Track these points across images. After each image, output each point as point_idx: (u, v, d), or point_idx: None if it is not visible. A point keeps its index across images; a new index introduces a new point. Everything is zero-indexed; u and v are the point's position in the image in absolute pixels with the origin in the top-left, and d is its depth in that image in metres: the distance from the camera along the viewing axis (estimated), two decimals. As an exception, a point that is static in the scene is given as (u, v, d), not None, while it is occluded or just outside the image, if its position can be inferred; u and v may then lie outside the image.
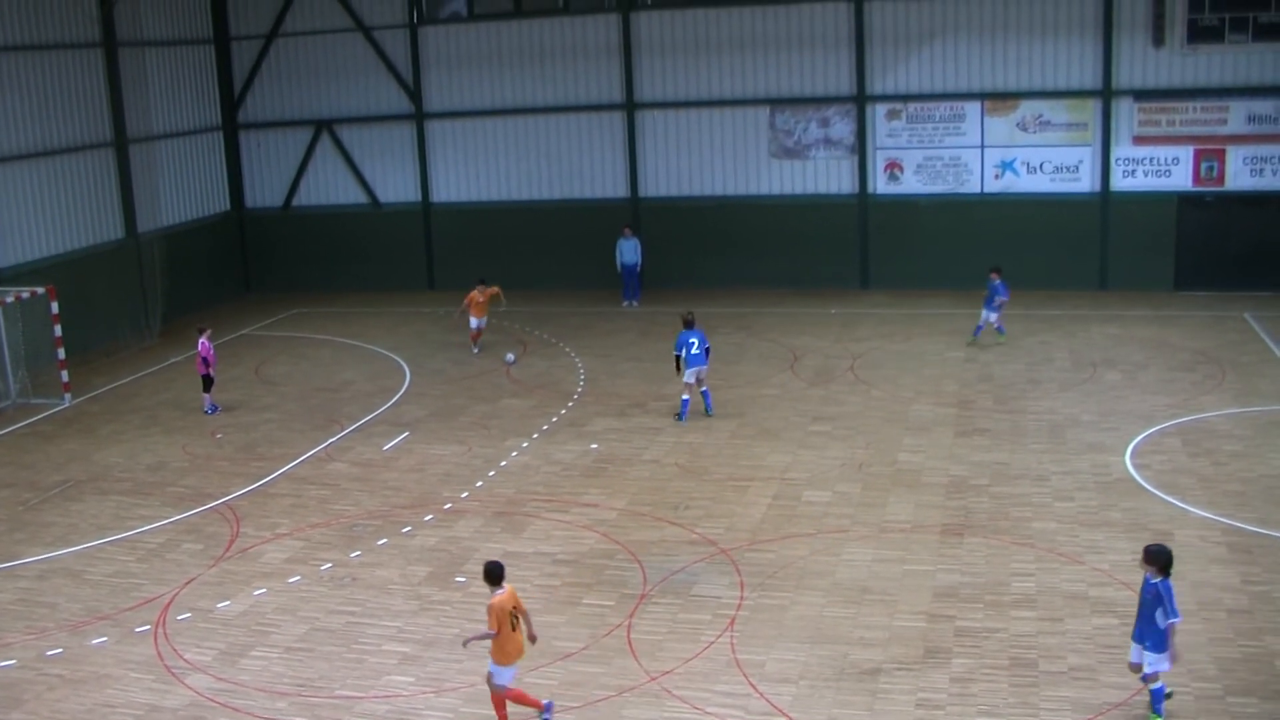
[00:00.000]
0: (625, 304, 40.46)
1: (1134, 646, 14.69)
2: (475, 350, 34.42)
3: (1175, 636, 14.47)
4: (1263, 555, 19.41)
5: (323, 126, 44.76)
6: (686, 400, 27.85)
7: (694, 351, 27.39)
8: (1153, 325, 34.61)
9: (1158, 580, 14.42)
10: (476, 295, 34.27)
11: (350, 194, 45.14)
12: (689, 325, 27.60)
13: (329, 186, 45.31)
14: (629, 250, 40.77)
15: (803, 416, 27.74)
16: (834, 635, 17.25)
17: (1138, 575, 18.44)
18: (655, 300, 40.21)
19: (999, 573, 19.10)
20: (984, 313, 33.30)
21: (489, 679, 14.96)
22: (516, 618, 14.82)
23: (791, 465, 24.50)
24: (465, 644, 15.37)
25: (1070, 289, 38.87)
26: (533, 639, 15.19)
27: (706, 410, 27.89)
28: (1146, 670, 14.56)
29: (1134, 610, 16.84)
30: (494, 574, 14.94)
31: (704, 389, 27.96)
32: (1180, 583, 18.28)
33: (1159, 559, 14.52)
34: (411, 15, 43.31)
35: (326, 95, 44.53)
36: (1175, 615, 14.36)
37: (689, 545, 20.71)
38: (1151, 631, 14.44)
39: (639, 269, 40.93)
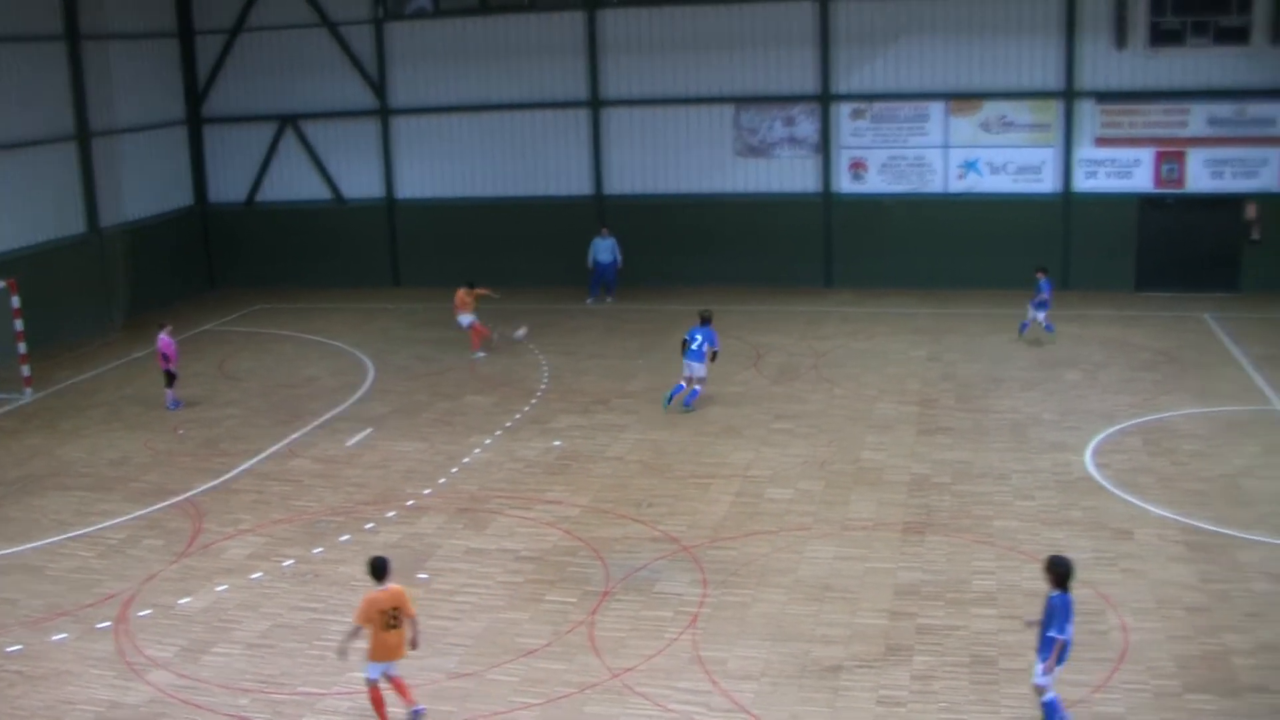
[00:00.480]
0: (589, 301, 40.48)
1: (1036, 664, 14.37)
2: (478, 352, 34.21)
3: (1059, 652, 14.12)
4: (1221, 554, 19.57)
5: (287, 122, 44.59)
6: (680, 387, 28.18)
7: (691, 348, 27.74)
8: (1114, 325, 34.83)
9: (1054, 595, 14.07)
10: (463, 295, 34.13)
11: (315, 189, 44.97)
12: (701, 322, 28.19)
13: (293, 182, 45.11)
14: (603, 250, 40.80)
15: (766, 414, 27.82)
16: (796, 632, 17.31)
17: (1097, 574, 18.76)
18: (620, 298, 40.25)
19: (960, 570, 19.21)
20: (1030, 311, 33.47)
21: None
22: (395, 619, 14.77)
23: (754, 463, 24.56)
24: (341, 653, 15.28)
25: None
26: (414, 644, 15.14)
27: (684, 403, 28.15)
28: (1033, 680, 14.28)
29: (1089, 608, 17.07)
30: (376, 570, 15.01)
31: (695, 387, 28.18)
32: (1140, 580, 18.56)
33: (1052, 571, 14.14)
34: (377, 11, 43.19)
35: (291, 90, 44.34)
36: (1062, 632, 13.97)
37: (651, 542, 20.75)
38: (1046, 644, 14.15)
39: (617, 267, 40.96)
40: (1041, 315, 33.22)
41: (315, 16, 43.36)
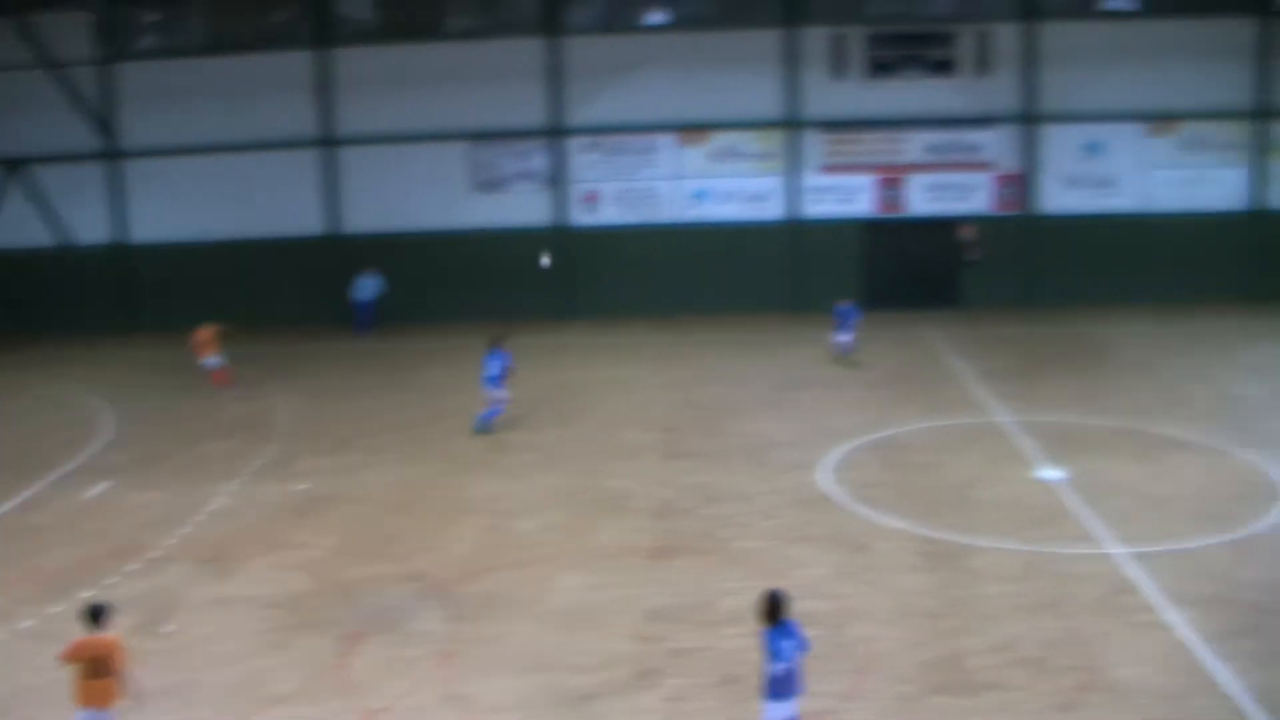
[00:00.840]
0: (357, 337, 40.42)
1: None
2: (224, 391, 33.62)
3: (777, 683, 13.85)
4: (955, 560, 20.35)
5: (13, 165, 43.20)
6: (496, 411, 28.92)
7: (487, 375, 28.59)
8: (846, 346, 35.93)
9: (764, 630, 13.88)
10: (205, 334, 33.64)
11: (44, 235, 43.66)
12: (493, 345, 28.84)
13: (21, 227, 43.70)
14: (365, 288, 40.76)
15: (512, 447, 27.96)
16: (548, 662, 17.41)
17: (840, 586, 19.32)
18: (363, 336, 40.02)
19: (707, 592, 19.54)
20: (838, 337, 34.17)
21: None
22: (102, 668, 14.53)
23: (502, 495, 24.65)
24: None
25: (765, 312, 40.12)
26: (135, 699, 14.83)
27: (482, 419, 28.94)
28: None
29: (832, 622, 17.57)
30: (90, 615, 14.79)
31: (495, 406, 28.95)
32: (880, 591, 19.15)
33: (759, 608, 13.96)
34: (105, 52, 42.18)
35: (16, 133, 42.99)
36: (779, 659, 13.72)
37: (401, 581, 20.67)
38: (769, 683, 13.92)
39: (377, 303, 40.85)
40: (844, 339, 34.06)
41: (39, 57, 42.12)
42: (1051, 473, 24.64)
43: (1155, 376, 32.86)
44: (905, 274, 41.01)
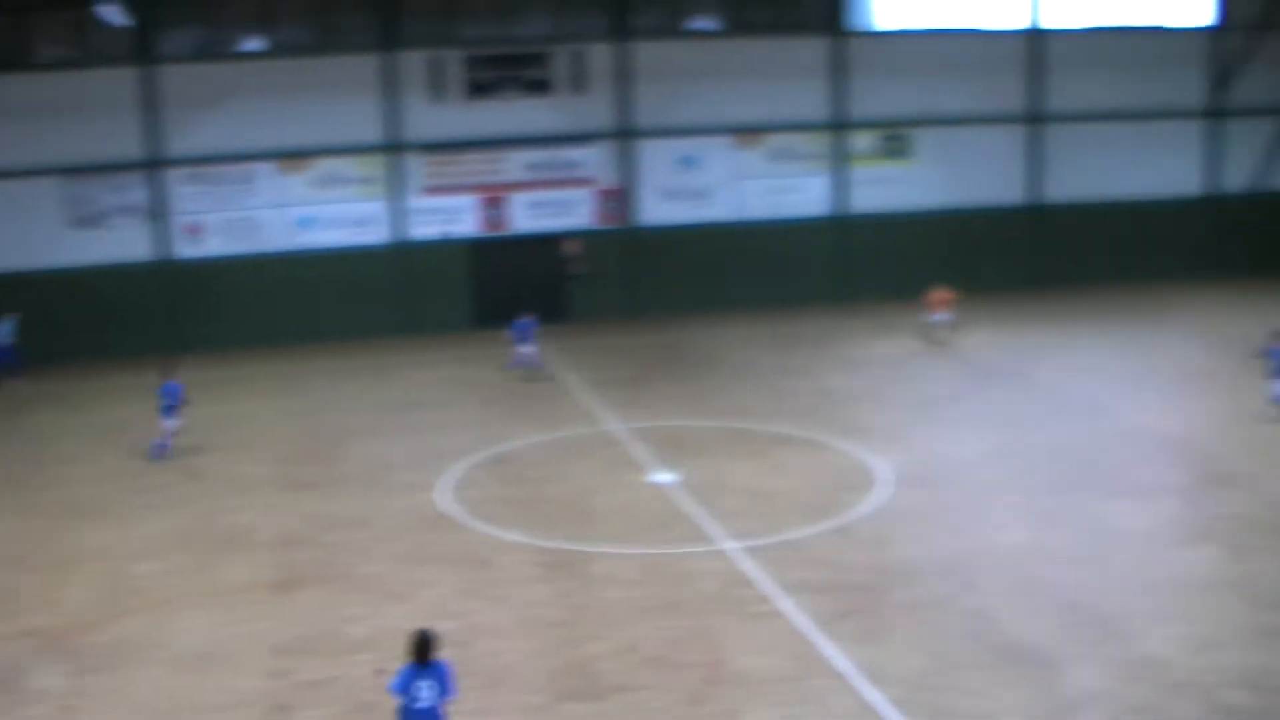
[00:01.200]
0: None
1: None
2: None
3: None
4: (576, 569, 20.94)
5: None
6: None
7: (161, 405, 28.80)
8: (457, 365, 36.35)
9: (407, 666, 13.66)
10: None
11: None
12: (164, 376, 29.29)
13: None
14: (1, 332, 39.00)
15: (128, 489, 27.24)
16: (176, 707, 17.11)
17: (465, 604, 19.64)
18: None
19: (333, 621, 19.53)
20: (521, 350, 34.59)
21: None
22: None
23: (118, 540, 24.01)
24: None
25: (376, 336, 40.18)
26: None
27: (158, 449, 29.24)
28: None
29: (457, 639, 17.85)
30: None
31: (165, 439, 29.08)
32: (504, 605, 19.56)
33: (408, 646, 13.72)
34: None
35: None
36: (408, 695, 13.49)
37: (15, 638, 19.93)
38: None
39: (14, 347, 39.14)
40: (526, 351, 34.63)
41: None
42: (664, 476, 25.62)
43: (757, 377, 34.48)
44: (513, 291, 41.62)
